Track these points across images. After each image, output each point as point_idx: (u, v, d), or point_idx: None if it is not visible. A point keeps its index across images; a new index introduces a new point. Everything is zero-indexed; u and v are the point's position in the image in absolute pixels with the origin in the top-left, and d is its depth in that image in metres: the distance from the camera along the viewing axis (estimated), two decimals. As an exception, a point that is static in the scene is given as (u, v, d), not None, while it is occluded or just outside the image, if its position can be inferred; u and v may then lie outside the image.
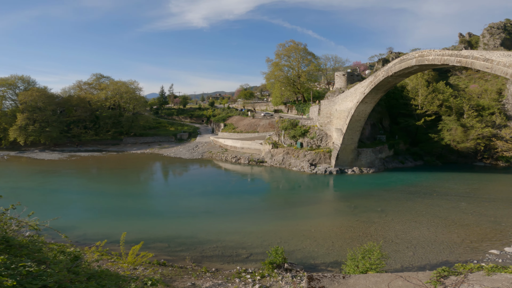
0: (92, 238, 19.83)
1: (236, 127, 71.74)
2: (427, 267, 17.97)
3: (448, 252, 20.07)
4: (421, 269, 17.56)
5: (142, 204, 32.43)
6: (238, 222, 25.62)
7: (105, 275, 5.70)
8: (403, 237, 22.75)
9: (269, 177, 44.76)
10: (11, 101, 77.55)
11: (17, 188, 37.80)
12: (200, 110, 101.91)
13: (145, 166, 55.21)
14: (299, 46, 71.54)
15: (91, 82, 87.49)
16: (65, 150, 68.26)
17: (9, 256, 4.11)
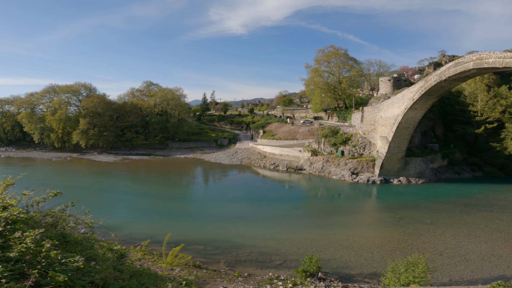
0: (137, 238, 21.28)
1: (275, 134, 71.82)
2: (479, 281, 16.39)
3: (506, 267, 18.07)
4: (473, 283, 16.10)
5: (184, 207, 34.00)
6: (274, 229, 25.58)
7: (146, 274, 6.06)
8: (455, 250, 21.00)
9: (307, 185, 44.04)
10: (75, 106, 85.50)
11: (76, 187, 42.20)
12: (240, 116, 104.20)
13: (187, 170, 57.92)
14: (339, 51, 69.66)
15: (142, 89, 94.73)
16: (119, 153, 74.58)
17: (63, 251, 4.59)
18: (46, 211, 6.39)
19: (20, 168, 54.36)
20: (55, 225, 6.03)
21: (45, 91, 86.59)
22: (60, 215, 6.49)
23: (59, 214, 6.46)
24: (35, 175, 48.29)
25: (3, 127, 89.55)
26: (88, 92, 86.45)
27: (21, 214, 5.05)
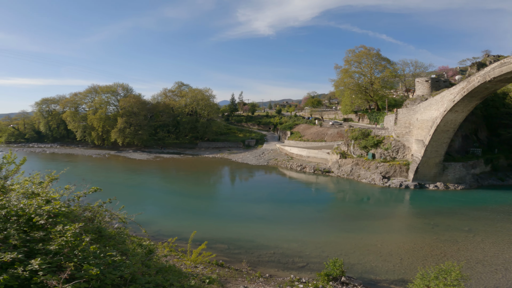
0: (165, 234, 22.17)
1: (303, 136, 71.00)
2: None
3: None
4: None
5: (210, 205, 34.84)
6: (298, 231, 25.43)
7: (171, 271, 6.33)
8: (493, 259, 19.67)
9: (335, 188, 43.16)
10: (113, 106, 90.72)
11: (112, 182, 44.93)
12: (268, 117, 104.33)
13: (215, 170, 59.21)
14: (371, 51, 67.13)
15: (174, 90, 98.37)
16: (152, 152, 78.22)
17: (99, 245, 4.94)
18: (86, 206, 6.78)
19: (63, 164, 59.10)
20: (92, 220, 6.46)
21: (88, 91, 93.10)
22: (98, 210, 6.83)
23: (97, 209, 6.84)
24: (77, 171, 52.25)
25: (49, 125, 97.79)
26: (126, 92, 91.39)
27: (62, 208, 5.41)
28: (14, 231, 4.27)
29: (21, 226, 4.58)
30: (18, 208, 4.94)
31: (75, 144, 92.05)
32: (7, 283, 3.64)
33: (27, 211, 4.91)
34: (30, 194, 6.02)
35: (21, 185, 6.88)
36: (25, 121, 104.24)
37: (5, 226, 4.36)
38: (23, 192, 6.10)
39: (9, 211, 4.71)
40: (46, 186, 7.19)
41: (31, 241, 4.31)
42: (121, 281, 4.24)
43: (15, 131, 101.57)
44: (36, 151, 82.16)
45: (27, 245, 4.22)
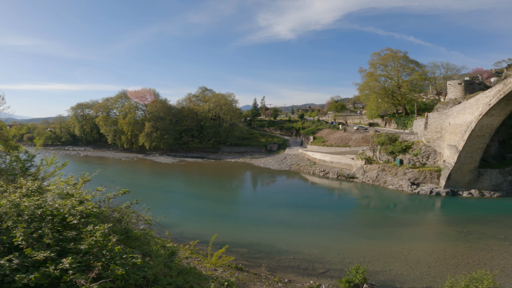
0: (187, 237, 22.64)
1: (326, 141, 69.78)
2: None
3: None
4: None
5: (232, 209, 35.16)
6: (319, 236, 25.03)
7: (191, 273, 6.48)
8: None
9: (359, 194, 42.09)
10: (141, 111, 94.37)
11: (138, 185, 46.73)
12: (290, 122, 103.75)
13: (237, 174, 59.73)
14: (397, 53, 64.81)
15: (198, 95, 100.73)
16: (177, 155, 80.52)
17: (125, 246, 5.19)
18: (114, 207, 7.11)
19: (95, 166, 62.49)
20: (120, 221, 6.78)
21: (118, 96, 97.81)
22: (125, 211, 7.12)
23: (125, 210, 7.16)
24: (107, 173, 54.98)
25: (84, 128, 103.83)
26: (153, 98, 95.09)
27: (94, 209, 5.71)
28: (48, 230, 4.58)
29: (55, 225, 4.90)
30: (53, 208, 5.27)
31: (106, 148, 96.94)
32: (38, 281, 3.86)
33: (61, 211, 5.22)
34: (65, 195, 6.39)
35: (57, 186, 7.37)
36: (62, 125, 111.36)
37: (40, 225, 4.69)
38: (58, 193, 6.51)
39: (45, 210, 5.06)
40: (79, 187, 7.60)
41: (63, 240, 4.58)
42: (144, 281, 4.41)
43: (52, 135, 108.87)
44: (71, 153, 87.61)
45: (60, 244, 4.48)
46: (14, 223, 4.64)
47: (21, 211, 4.92)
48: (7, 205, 5.08)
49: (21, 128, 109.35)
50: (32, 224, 4.64)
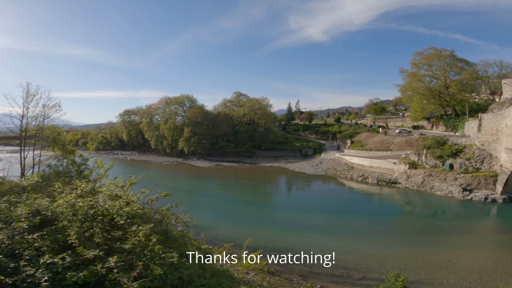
0: (221, 239, 23.12)
1: (365, 145, 66.92)
2: None
3: None
4: None
5: (266, 213, 35.18)
6: (356, 243, 24.07)
7: (224, 275, 6.63)
8: None
9: (401, 200, 39.81)
10: (181, 116, 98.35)
11: (177, 188, 48.91)
12: (326, 126, 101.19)
13: (271, 178, 59.71)
14: (442, 52, 60.11)
15: (233, 100, 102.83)
16: (213, 160, 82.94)
17: (164, 246, 5.50)
18: (156, 209, 7.54)
19: (140, 169, 66.85)
20: (161, 222, 7.18)
21: (160, 103, 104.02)
22: (166, 213, 7.50)
23: (165, 212, 7.57)
24: (150, 176, 58.50)
25: (130, 134, 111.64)
26: (191, 103, 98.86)
27: (138, 210, 6.08)
28: (98, 229, 5.01)
29: (105, 225, 5.36)
30: (103, 208, 5.75)
31: (150, 152, 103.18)
32: (86, 279, 4.14)
33: (110, 211, 5.67)
34: (114, 196, 6.92)
35: (107, 188, 8.05)
36: (111, 130, 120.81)
37: (91, 224, 5.15)
38: (108, 194, 7.10)
39: (96, 211, 5.55)
40: (126, 189, 8.20)
41: (111, 239, 4.97)
42: (179, 282, 4.62)
43: (103, 140, 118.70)
44: (119, 157, 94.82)
45: (108, 243, 4.86)
46: (69, 222, 5.14)
47: (75, 211, 5.43)
48: (63, 205, 5.65)
49: (77, 134, 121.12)
50: (84, 224, 5.10)
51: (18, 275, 4.18)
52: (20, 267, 4.38)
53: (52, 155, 20.55)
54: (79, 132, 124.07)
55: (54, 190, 7.89)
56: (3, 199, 6.41)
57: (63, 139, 27.08)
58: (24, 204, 5.86)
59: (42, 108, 23.54)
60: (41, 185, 10.27)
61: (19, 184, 10.57)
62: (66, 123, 30.53)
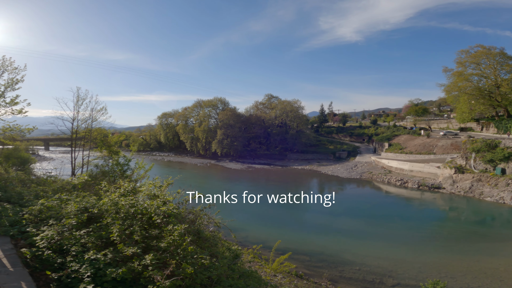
0: (251, 241, 23.25)
1: (404, 148, 63.43)
2: None
3: None
4: None
5: (296, 216, 34.81)
6: (392, 248, 22.91)
7: (252, 277, 6.70)
8: None
9: (445, 205, 37.34)
10: (214, 119, 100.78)
11: (210, 188, 50.20)
12: (361, 128, 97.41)
13: (303, 181, 58.87)
14: (491, 50, 55.16)
15: (264, 102, 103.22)
16: (245, 162, 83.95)
17: (196, 246, 5.74)
18: (190, 209, 7.78)
19: (176, 170, 69.86)
20: (194, 222, 7.48)
21: (194, 106, 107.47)
22: (199, 213, 7.71)
23: (198, 212, 7.82)
24: (185, 177, 60.85)
25: (167, 136, 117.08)
26: (223, 106, 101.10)
27: (174, 210, 6.34)
28: (137, 227, 5.36)
29: (143, 223, 5.72)
30: (143, 207, 6.13)
31: (185, 154, 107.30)
32: (124, 276, 4.32)
33: (149, 210, 6.03)
34: (152, 196, 7.33)
35: (146, 188, 8.57)
36: (150, 132, 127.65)
37: (132, 222, 5.51)
38: (147, 194, 7.55)
39: (136, 209, 5.94)
40: (164, 189, 8.65)
41: (148, 237, 5.28)
42: (208, 281, 4.78)
43: (143, 142, 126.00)
44: (157, 158, 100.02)
45: (145, 241, 5.16)
46: (112, 220, 5.57)
47: (118, 209, 5.87)
48: (108, 203, 6.13)
49: (121, 136, 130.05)
50: (125, 222, 5.50)
51: (64, 271, 4.42)
52: (66, 262, 4.64)
53: (99, 156, 22.33)
54: (123, 134, 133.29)
55: (101, 189, 8.58)
56: (55, 197, 7.10)
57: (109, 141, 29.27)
58: (73, 201, 6.46)
59: (91, 111, 25.69)
60: (89, 184, 11.24)
61: (70, 183, 11.68)
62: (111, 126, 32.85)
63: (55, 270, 4.54)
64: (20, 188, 10.09)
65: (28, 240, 5.40)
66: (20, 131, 20.62)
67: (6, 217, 6.51)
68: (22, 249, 5.09)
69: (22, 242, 5.55)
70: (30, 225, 6.02)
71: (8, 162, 18.78)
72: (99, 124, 27.54)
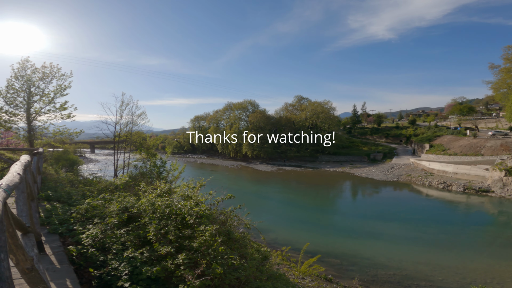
0: (280, 243, 23.03)
1: (447, 149, 59.24)
2: None
3: None
4: None
5: (327, 219, 33.89)
6: (432, 253, 21.45)
7: (280, 279, 6.67)
8: None
9: (494, 210, 34.30)
10: (244, 121, 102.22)
11: (240, 190, 50.67)
12: (398, 129, 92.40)
13: (335, 183, 57.25)
14: (543, 45, 49.42)
15: (294, 104, 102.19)
16: (275, 164, 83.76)
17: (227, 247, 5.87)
18: (221, 210, 8.02)
19: (208, 172, 71.78)
20: (224, 223, 7.69)
21: (225, 109, 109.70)
22: (229, 214, 7.93)
23: (229, 213, 8.02)
24: (216, 178, 62.17)
25: (200, 138, 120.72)
26: (253, 108, 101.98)
27: (206, 211, 6.55)
28: (172, 227, 5.63)
29: (177, 223, 6.00)
30: (177, 208, 6.43)
31: (216, 156, 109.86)
32: (157, 274, 4.47)
33: (182, 211, 6.31)
34: (186, 197, 7.67)
35: (180, 189, 8.96)
36: (184, 135, 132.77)
37: (167, 222, 5.81)
38: (181, 195, 7.90)
39: (171, 210, 6.25)
40: (196, 190, 8.98)
41: (181, 237, 5.51)
42: (236, 282, 4.86)
43: (177, 144, 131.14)
44: (190, 160, 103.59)
45: (179, 241, 5.39)
46: (149, 219, 5.91)
47: (155, 209, 6.23)
48: (146, 203, 6.53)
49: (158, 139, 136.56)
50: (161, 221, 5.81)
51: (105, 268, 4.62)
52: (107, 260, 4.86)
53: (138, 158, 23.73)
54: (159, 137, 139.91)
55: (139, 190, 9.14)
56: (100, 197, 7.69)
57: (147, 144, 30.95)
58: (116, 201, 6.96)
59: (131, 116, 27.42)
60: (129, 185, 12.01)
61: (113, 183, 12.58)
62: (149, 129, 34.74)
63: (97, 267, 4.73)
64: (69, 188, 11.02)
65: (74, 238, 5.79)
66: (69, 135, 22.52)
67: (56, 216, 7.15)
68: (69, 246, 5.41)
69: (69, 240, 5.95)
70: (77, 223, 6.49)
71: (58, 164, 20.47)
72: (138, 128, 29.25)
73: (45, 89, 20.23)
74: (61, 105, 20.50)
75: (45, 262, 4.85)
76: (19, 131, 20.92)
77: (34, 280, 3.05)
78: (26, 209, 4.27)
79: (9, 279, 2.20)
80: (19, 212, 4.16)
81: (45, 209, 7.75)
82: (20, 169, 4.18)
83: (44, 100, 20.18)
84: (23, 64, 19.51)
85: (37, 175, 8.96)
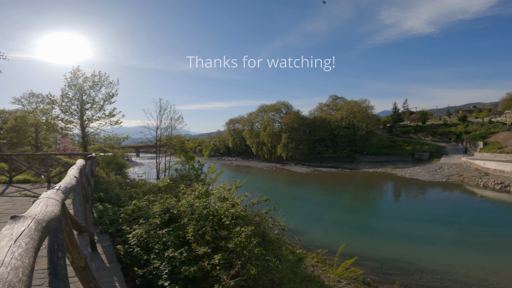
0: (315, 245, 22.38)
1: (504, 146, 53.50)
2: None
3: None
4: None
5: (367, 221, 32.31)
6: (485, 257, 19.55)
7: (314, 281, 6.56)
8: None
9: None
10: (278, 123, 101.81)
11: (275, 192, 50.59)
12: (446, 126, 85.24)
13: (375, 185, 54.53)
14: None
15: (329, 104, 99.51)
16: (311, 165, 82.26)
17: (262, 248, 5.96)
18: (256, 212, 8.20)
19: (243, 174, 72.81)
20: (259, 224, 7.81)
21: (258, 111, 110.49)
22: (264, 216, 8.08)
23: (264, 215, 8.18)
24: (252, 180, 62.93)
25: (235, 141, 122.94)
26: (287, 110, 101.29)
27: (241, 212, 6.71)
28: (209, 228, 5.87)
29: (214, 224, 6.23)
30: (214, 209, 6.70)
31: (251, 158, 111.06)
32: (195, 274, 4.63)
33: (219, 212, 6.56)
34: (222, 199, 7.92)
35: (217, 191, 9.28)
36: (219, 138, 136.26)
37: (204, 223, 6.07)
38: (218, 197, 8.18)
39: (208, 211, 6.52)
40: (232, 192, 9.23)
41: (218, 238, 5.72)
42: (270, 283, 4.89)
43: (214, 147, 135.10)
44: (226, 163, 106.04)
45: (215, 241, 5.59)
46: (188, 220, 6.23)
47: (193, 210, 6.54)
48: (185, 204, 6.89)
49: (195, 142, 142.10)
50: (199, 222, 6.08)
51: (147, 267, 4.85)
52: (150, 259, 5.12)
53: (178, 161, 24.92)
54: (197, 140, 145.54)
55: (179, 191, 9.66)
56: (145, 198, 8.27)
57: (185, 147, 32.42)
58: (158, 202, 7.45)
59: (170, 120, 29.03)
60: (170, 187, 12.73)
61: (156, 185, 13.43)
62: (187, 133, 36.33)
63: (141, 266, 5.00)
64: (118, 190, 12.00)
65: (122, 238, 6.29)
66: (117, 140, 24.41)
67: (107, 216, 7.86)
68: (117, 245, 5.84)
69: (118, 239, 6.48)
70: (125, 223, 7.08)
71: (108, 167, 22.24)
72: (177, 132, 30.85)
73: (95, 97, 22.04)
74: (110, 112, 22.27)
75: (97, 260, 5.23)
76: (74, 137, 23.15)
77: (87, 278, 3.19)
78: (81, 209, 4.75)
79: (65, 277, 2.31)
80: (75, 212, 4.57)
81: (98, 209, 8.56)
82: (76, 172, 4.69)
83: (95, 108, 22.05)
84: (74, 74, 21.32)
85: (91, 178, 9.92)
